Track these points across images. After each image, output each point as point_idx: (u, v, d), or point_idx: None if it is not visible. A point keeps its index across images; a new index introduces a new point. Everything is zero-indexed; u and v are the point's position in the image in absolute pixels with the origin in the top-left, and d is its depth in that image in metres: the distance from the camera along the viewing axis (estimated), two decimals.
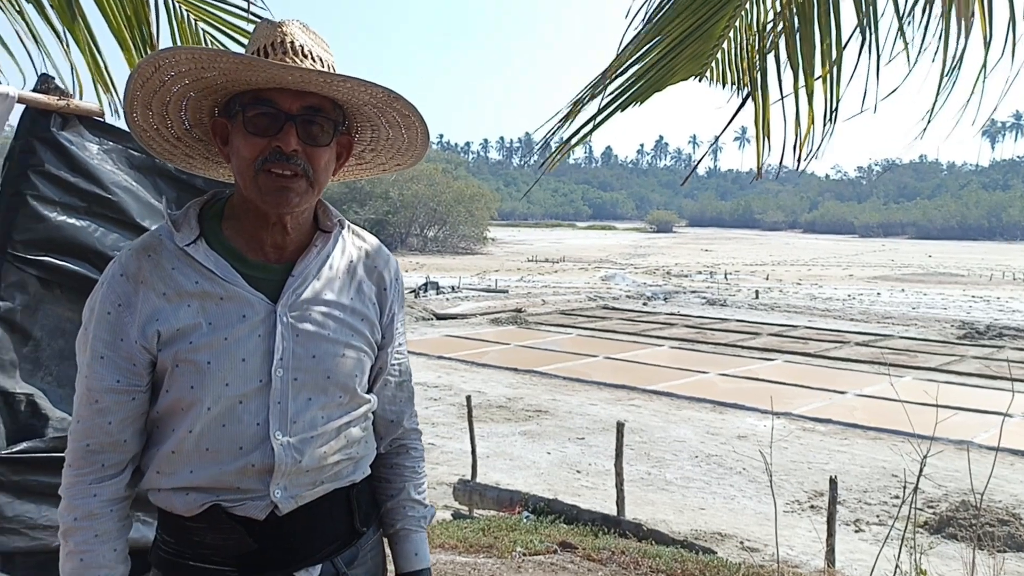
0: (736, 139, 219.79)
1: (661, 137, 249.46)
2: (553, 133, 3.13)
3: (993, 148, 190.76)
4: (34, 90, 2.15)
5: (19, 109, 2.16)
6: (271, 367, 1.40)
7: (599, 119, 3.04)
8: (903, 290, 36.16)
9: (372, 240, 1.60)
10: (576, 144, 3.19)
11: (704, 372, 16.66)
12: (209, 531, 1.41)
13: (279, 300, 1.43)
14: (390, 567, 1.64)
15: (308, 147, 1.38)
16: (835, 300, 31.73)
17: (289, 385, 1.41)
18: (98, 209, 2.26)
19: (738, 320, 24.98)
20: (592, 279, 39.94)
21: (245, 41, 2.94)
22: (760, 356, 18.66)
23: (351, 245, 1.54)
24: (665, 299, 31.15)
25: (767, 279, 41.08)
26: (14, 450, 2.13)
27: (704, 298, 31.70)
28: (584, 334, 21.77)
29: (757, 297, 32.02)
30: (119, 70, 2.90)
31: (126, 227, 2.33)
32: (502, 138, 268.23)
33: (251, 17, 2.84)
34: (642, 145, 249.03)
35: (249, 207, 1.43)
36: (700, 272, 45.23)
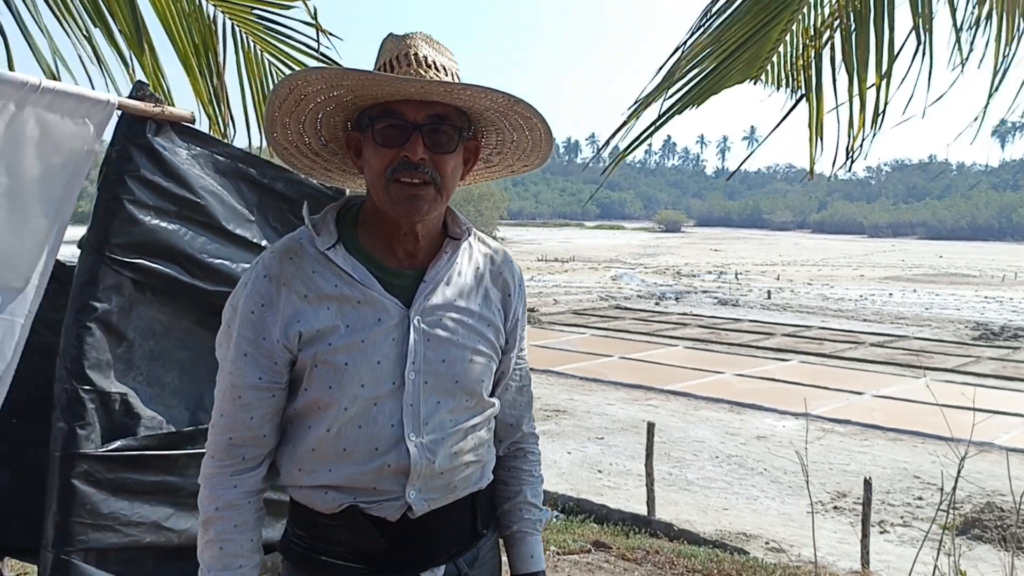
0: (744, 139, 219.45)
1: (669, 137, 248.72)
2: (612, 136, 3.19)
3: (1003, 148, 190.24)
4: (130, 97, 2.20)
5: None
6: (404, 370, 1.45)
7: (659, 123, 3.10)
8: (915, 290, 36.09)
9: (497, 247, 1.64)
10: (632, 151, 3.25)
11: (720, 372, 16.66)
12: (343, 529, 1.46)
13: (412, 305, 1.47)
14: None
15: (435, 155, 1.42)
16: (847, 300, 31.69)
17: (420, 388, 1.46)
18: (188, 213, 2.32)
19: (751, 320, 24.98)
20: (603, 279, 39.96)
21: None
22: (775, 356, 18.66)
23: (478, 252, 1.59)
24: (677, 299, 31.15)
25: (778, 279, 41.03)
26: (109, 448, 2.19)
27: (716, 298, 31.70)
28: (598, 334, 21.78)
29: (769, 297, 32.01)
30: (182, 95, 2.96)
31: (213, 231, 2.38)
32: None
33: (316, 55, 2.91)
34: (650, 145, 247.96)
35: (382, 216, 1.48)
36: (710, 272, 45.21)
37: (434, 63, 1.44)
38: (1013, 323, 25.45)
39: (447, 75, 1.45)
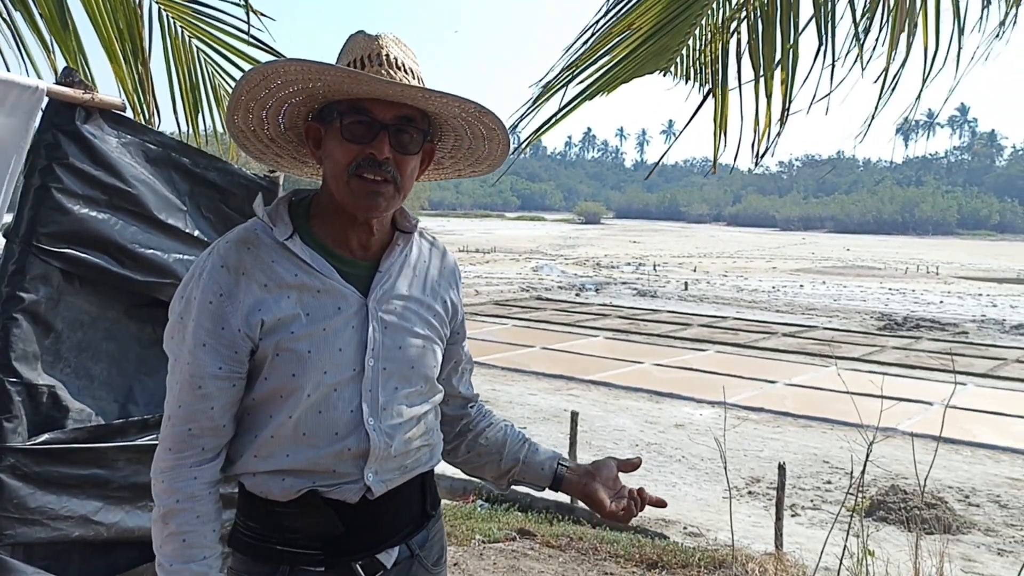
0: (662, 132, 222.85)
1: (589, 129, 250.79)
2: (521, 119, 3.22)
3: (907, 146, 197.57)
4: (58, 83, 2.16)
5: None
6: (363, 357, 1.50)
7: (569, 108, 3.14)
8: (824, 282, 37.26)
9: (437, 241, 1.72)
10: (544, 132, 3.29)
11: (639, 362, 16.95)
12: (300, 516, 1.48)
13: (369, 294, 1.52)
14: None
15: (398, 155, 1.47)
16: (760, 292, 32.56)
17: (379, 374, 1.51)
18: (118, 202, 2.28)
19: (669, 311, 25.44)
20: (524, 270, 40.16)
21: (239, 61, 2.97)
22: (692, 347, 19.07)
23: (423, 246, 1.67)
24: (596, 290, 31.53)
25: (695, 271, 41.89)
26: (36, 441, 2.15)
27: (635, 289, 32.19)
28: (519, 325, 21.91)
29: (686, 288, 32.65)
30: (105, 80, 2.89)
31: (144, 220, 2.35)
32: None
33: (248, 39, 2.86)
34: (570, 137, 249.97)
35: (338, 208, 1.51)
36: (629, 263, 45.88)
37: (403, 65, 1.48)
38: (915, 314, 26.53)
39: (413, 77, 1.49)
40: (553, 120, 3.14)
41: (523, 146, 3.26)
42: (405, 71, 1.47)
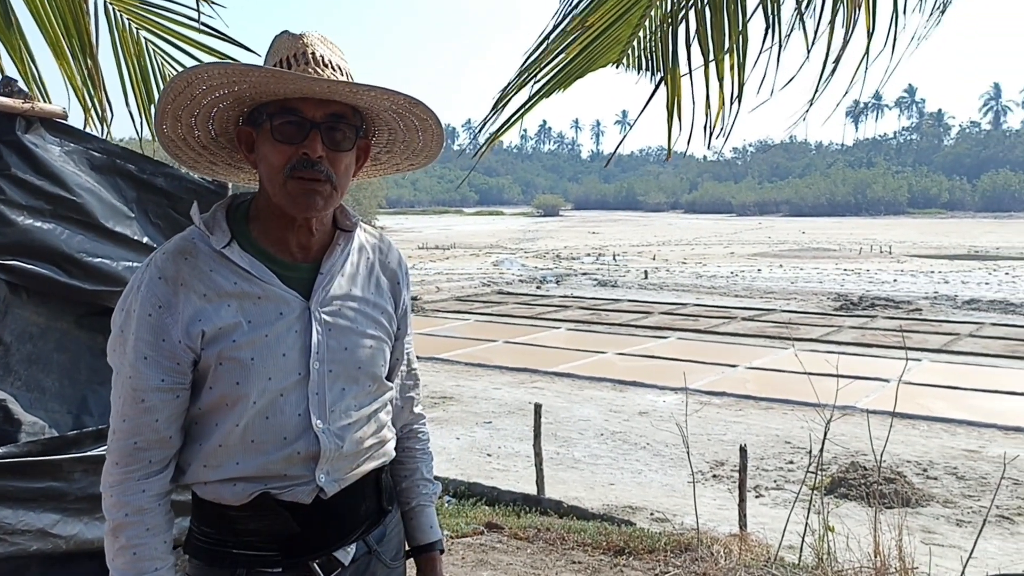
0: (617, 122, 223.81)
1: (544, 122, 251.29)
2: (483, 126, 3.25)
3: (857, 128, 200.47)
4: None
5: None
6: (308, 360, 1.49)
7: (526, 108, 3.18)
8: (781, 266, 37.75)
9: (381, 236, 1.71)
10: (503, 133, 3.32)
11: (602, 352, 17.05)
12: (254, 518, 1.48)
13: (311, 297, 1.51)
14: None
15: (332, 153, 1.46)
16: (719, 278, 32.89)
17: (325, 377, 1.51)
18: (63, 211, 2.26)
19: (630, 300, 25.62)
20: (484, 264, 40.15)
21: (193, 51, 2.92)
22: (654, 334, 19.24)
23: (366, 242, 1.65)
24: (557, 282, 31.63)
25: (654, 259, 42.18)
26: None
27: (595, 280, 32.34)
28: (481, 319, 21.93)
29: (646, 277, 32.87)
30: (53, 79, 2.82)
31: (90, 228, 2.33)
32: None
33: (199, 27, 2.80)
34: (525, 130, 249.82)
35: (276, 211, 1.50)
36: (589, 254, 46.07)
37: (330, 62, 1.47)
38: (870, 293, 26.99)
39: (341, 74, 1.49)
40: (511, 121, 3.15)
41: (483, 149, 3.28)
42: (332, 68, 1.47)
